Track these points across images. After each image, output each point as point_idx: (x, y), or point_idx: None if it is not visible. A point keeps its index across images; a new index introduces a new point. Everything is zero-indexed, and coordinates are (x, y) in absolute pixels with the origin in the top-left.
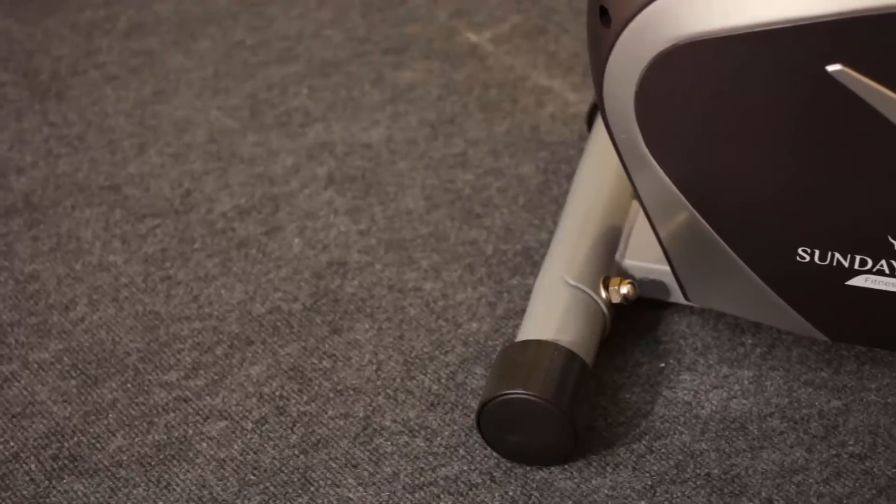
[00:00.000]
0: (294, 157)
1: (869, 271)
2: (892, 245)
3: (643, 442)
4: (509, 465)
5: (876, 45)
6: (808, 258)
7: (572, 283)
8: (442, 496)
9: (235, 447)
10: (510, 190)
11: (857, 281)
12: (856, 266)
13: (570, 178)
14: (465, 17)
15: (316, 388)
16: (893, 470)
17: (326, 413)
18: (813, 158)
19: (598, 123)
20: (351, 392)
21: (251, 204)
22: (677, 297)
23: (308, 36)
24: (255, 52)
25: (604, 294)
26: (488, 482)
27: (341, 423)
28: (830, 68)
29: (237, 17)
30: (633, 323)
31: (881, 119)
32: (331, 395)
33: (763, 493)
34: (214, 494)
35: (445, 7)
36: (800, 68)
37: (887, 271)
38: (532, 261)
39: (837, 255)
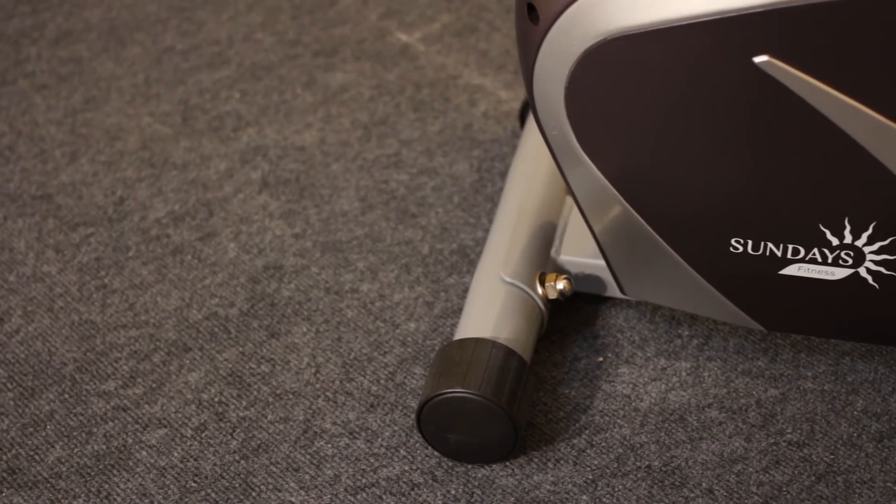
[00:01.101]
0: (227, 161)
1: (801, 260)
2: (824, 234)
3: (583, 436)
4: (451, 463)
5: (802, 35)
6: (741, 249)
7: (508, 280)
8: (384, 497)
9: (175, 455)
10: (445, 189)
11: (790, 270)
12: (788, 255)
13: (504, 175)
14: (395, 17)
15: (255, 392)
16: (831, 456)
17: (266, 417)
18: (743, 150)
19: (531, 120)
20: (290, 396)
21: (185, 210)
22: (613, 291)
23: (238, 40)
24: (185, 58)
25: (540, 290)
26: (430, 482)
27: (281, 427)
28: (757, 60)
29: (167, 23)
30: (571, 318)
31: (809, 109)
32: (270, 399)
33: (703, 484)
34: (156, 503)
35: (376, 8)
36: (727, 60)
37: (819, 260)
38: (468, 259)
39: (770, 245)
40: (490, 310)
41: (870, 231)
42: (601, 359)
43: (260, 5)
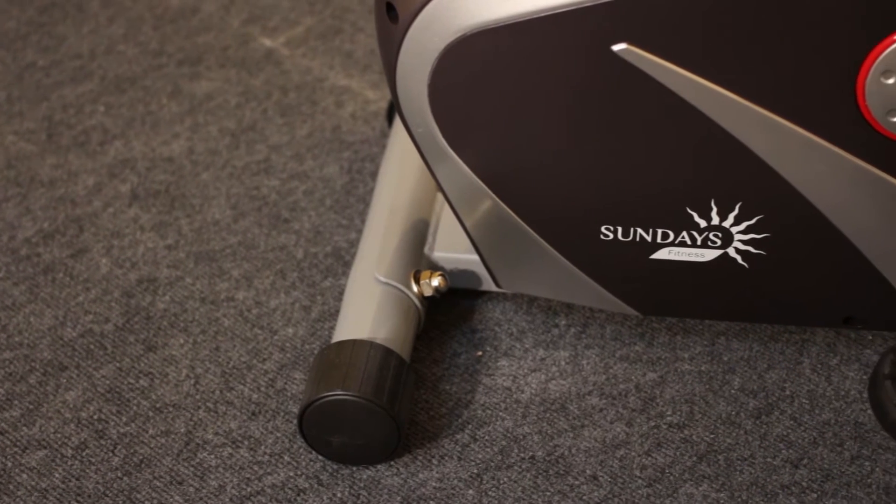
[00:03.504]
0: (95, 176)
1: (672, 244)
2: (692, 216)
3: (466, 431)
4: (335, 466)
5: (658, 21)
6: (611, 236)
7: (383, 279)
8: None
9: (57, 475)
10: (316, 192)
11: (661, 254)
12: (658, 240)
13: (374, 175)
14: (258, 22)
15: (135, 407)
16: (711, 436)
17: (147, 432)
18: (607, 138)
19: (399, 119)
20: (171, 409)
21: (55, 227)
22: (489, 285)
23: (101, 53)
24: (47, 73)
25: (415, 288)
26: (316, 486)
27: (163, 440)
28: (616, 48)
29: (26, 39)
30: (448, 314)
31: (669, 94)
32: (150, 413)
33: (588, 471)
34: None
35: (238, 14)
36: (586, 50)
37: (689, 242)
38: (343, 261)
39: (640, 231)
40: (366, 311)
41: (736, 211)
42: (480, 353)
43: (121, 17)
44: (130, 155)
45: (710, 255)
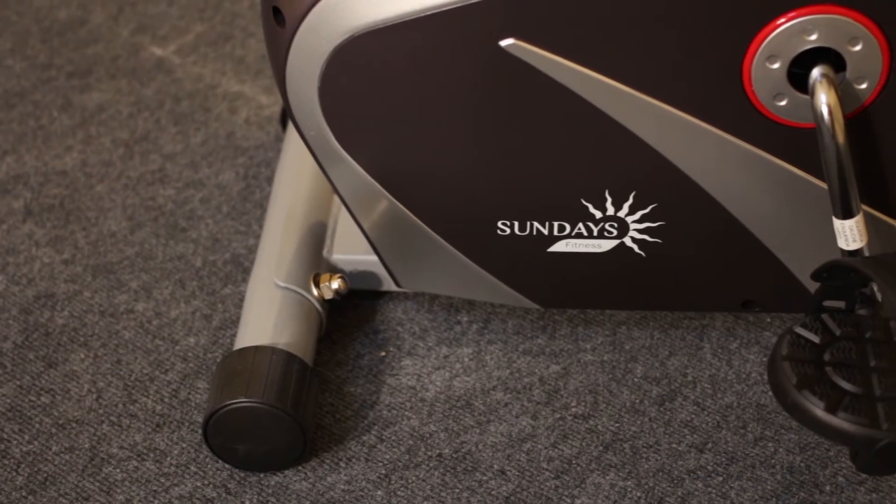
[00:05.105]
0: None
1: (568, 236)
2: (587, 208)
3: (373, 432)
4: (243, 474)
5: (543, 15)
6: (508, 231)
7: (282, 284)
8: None
9: None
10: (213, 200)
11: (558, 247)
12: (555, 232)
13: (270, 180)
14: (147, 31)
15: (37, 425)
16: (616, 425)
17: (51, 449)
18: (498, 134)
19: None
20: (74, 424)
21: None
22: (389, 285)
23: None
24: None
25: (315, 291)
26: (224, 495)
27: (67, 457)
28: (503, 43)
29: None
30: (350, 316)
31: (558, 87)
32: (53, 430)
33: (495, 466)
34: None
35: (127, 24)
36: (474, 46)
37: (585, 234)
38: (243, 268)
39: (536, 225)
40: (267, 316)
41: (630, 201)
42: (383, 353)
43: (7, 31)
44: (23, 170)
45: (607, 245)
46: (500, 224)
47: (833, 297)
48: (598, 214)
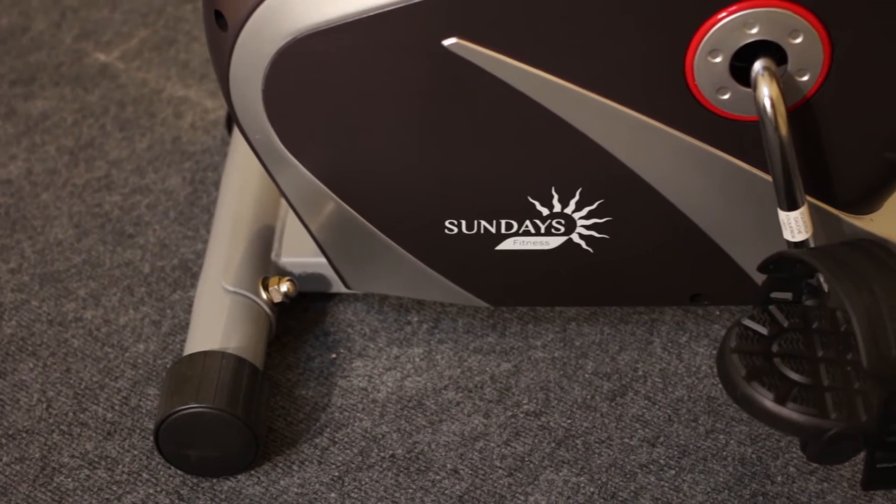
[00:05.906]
0: None
1: (516, 234)
2: (534, 205)
3: (325, 435)
4: (195, 480)
5: (484, 13)
6: (456, 230)
7: (231, 289)
8: None
9: None
10: (160, 205)
11: (506, 245)
12: (502, 231)
13: (217, 185)
14: (91, 37)
15: None
16: (568, 421)
17: (1, 460)
18: (443, 133)
19: None
20: (24, 434)
21: None
22: (339, 286)
23: None
24: None
25: (264, 295)
26: (177, 501)
27: (18, 467)
28: (446, 42)
29: None
30: (300, 319)
31: (502, 85)
32: (3, 440)
33: (448, 465)
34: None
35: (70, 30)
36: (417, 46)
37: (533, 231)
38: (191, 273)
39: (483, 223)
40: (216, 321)
41: (577, 198)
42: (334, 355)
43: None
44: None
45: (554, 242)
46: (447, 223)
47: (780, 289)
48: (545, 212)
